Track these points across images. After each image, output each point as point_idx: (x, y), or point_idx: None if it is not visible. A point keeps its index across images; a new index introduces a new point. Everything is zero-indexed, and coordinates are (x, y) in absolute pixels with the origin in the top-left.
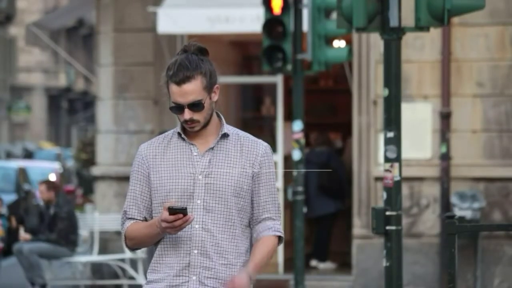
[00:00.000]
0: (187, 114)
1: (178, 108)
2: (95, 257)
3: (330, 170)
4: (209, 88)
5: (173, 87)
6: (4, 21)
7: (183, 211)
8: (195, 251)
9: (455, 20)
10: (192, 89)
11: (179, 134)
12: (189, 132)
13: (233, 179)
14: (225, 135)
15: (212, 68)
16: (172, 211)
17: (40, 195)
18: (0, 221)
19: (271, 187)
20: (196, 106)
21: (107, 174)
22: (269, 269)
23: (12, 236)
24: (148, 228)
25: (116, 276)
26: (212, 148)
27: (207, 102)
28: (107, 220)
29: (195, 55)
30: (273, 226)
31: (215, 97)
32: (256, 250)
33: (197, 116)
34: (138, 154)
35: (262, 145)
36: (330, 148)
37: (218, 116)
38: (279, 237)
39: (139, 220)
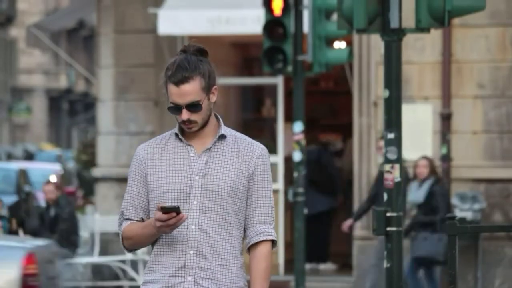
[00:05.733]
0: (185, 115)
1: (176, 109)
2: (96, 259)
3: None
4: (207, 89)
5: (172, 88)
6: (5, 22)
7: (176, 210)
8: (191, 252)
9: (456, 21)
10: (190, 90)
11: (176, 135)
12: (186, 133)
13: (230, 180)
14: (222, 137)
15: (211, 69)
16: (165, 210)
17: (47, 195)
18: (1, 223)
19: (263, 189)
20: (194, 106)
21: (108, 176)
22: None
23: None
24: (145, 228)
25: (116, 278)
26: (209, 149)
27: (205, 103)
28: (107, 221)
29: (195, 55)
30: (264, 230)
31: (213, 98)
32: (254, 272)
33: (195, 117)
34: (135, 155)
35: (259, 147)
36: (320, 145)
37: (216, 117)
38: (272, 241)
39: (136, 220)
